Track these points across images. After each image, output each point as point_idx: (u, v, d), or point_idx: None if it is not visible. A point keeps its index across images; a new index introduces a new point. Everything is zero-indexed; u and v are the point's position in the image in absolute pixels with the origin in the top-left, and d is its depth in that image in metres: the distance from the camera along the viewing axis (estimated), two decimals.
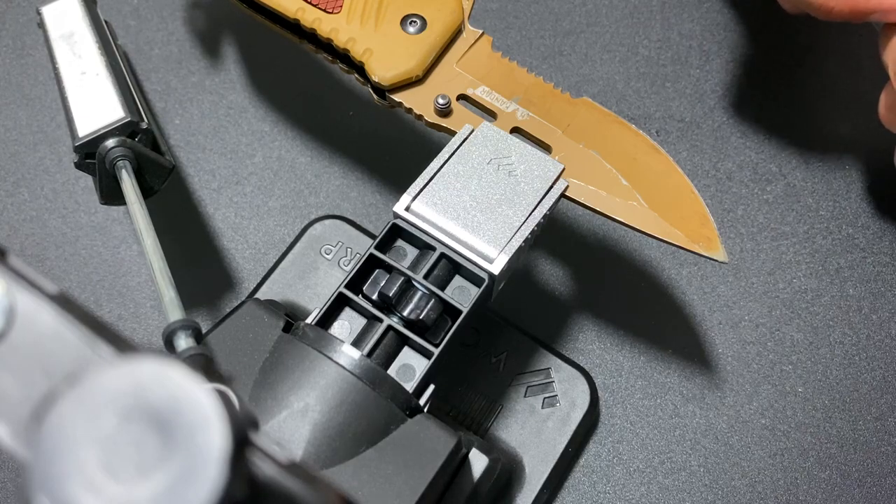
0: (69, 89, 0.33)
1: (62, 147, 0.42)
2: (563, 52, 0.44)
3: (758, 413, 0.37)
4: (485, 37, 0.34)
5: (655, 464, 0.36)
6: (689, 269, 0.40)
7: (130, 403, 0.13)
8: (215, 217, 0.41)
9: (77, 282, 0.39)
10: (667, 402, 0.37)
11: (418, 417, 0.27)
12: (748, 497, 0.36)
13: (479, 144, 0.31)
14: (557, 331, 0.38)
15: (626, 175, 0.32)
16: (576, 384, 0.35)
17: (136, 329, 0.39)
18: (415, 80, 0.33)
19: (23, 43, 0.45)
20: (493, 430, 0.35)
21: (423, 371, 0.28)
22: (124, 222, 0.41)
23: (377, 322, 0.28)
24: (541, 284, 0.39)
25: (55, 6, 0.35)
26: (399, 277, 0.28)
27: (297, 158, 0.42)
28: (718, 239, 0.31)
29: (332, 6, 0.34)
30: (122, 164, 0.31)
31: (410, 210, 0.30)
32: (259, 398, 0.26)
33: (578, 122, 0.33)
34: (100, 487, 0.13)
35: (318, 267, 0.38)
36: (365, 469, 0.26)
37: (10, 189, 0.41)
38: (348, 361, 0.27)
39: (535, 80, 0.34)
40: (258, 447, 0.15)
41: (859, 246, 0.40)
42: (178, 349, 0.23)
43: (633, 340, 0.38)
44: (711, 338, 0.38)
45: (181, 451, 0.13)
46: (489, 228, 0.29)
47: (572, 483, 0.36)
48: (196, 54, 0.44)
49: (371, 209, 0.41)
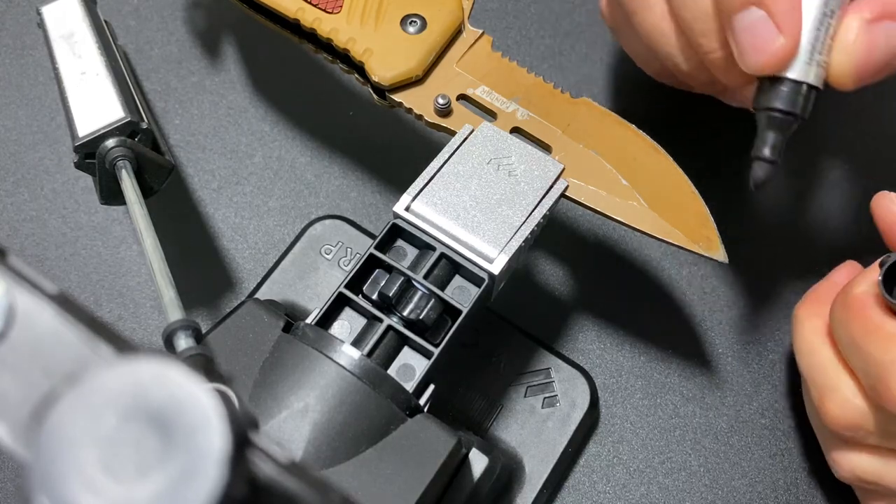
0: (69, 89, 0.33)
1: (62, 147, 0.42)
2: (563, 52, 0.44)
3: (758, 413, 0.37)
4: (485, 37, 0.34)
5: (655, 464, 0.36)
6: (689, 269, 0.40)
7: (130, 403, 0.13)
8: (215, 217, 0.41)
9: (77, 282, 0.39)
10: (667, 402, 0.37)
11: (418, 417, 0.27)
12: (748, 497, 0.36)
13: (479, 144, 0.31)
14: (557, 331, 0.38)
15: (626, 175, 0.32)
16: (576, 384, 0.35)
17: (136, 329, 0.39)
18: (415, 80, 0.33)
19: (23, 43, 0.45)
20: (493, 430, 0.35)
21: (423, 371, 0.28)
22: (124, 222, 0.41)
23: (377, 322, 0.28)
24: (541, 284, 0.39)
25: (55, 6, 0.35)
26: (399, 277, 0.28)
27: (297, 158, 0.42)
28: (718, 239, 0.31)
29: (332, 6, 0.33)
30: (122, 164, 0.31)
31: (410, 210, 0.30)
32: (259, 398, 0.26)
33: (578, 122, 0.33)
34: (100, 487, 0.13)
35: (318, 267, 0.38)
36: (365, 469, 0.26)
37: (10, 189, 0.41)
38: (348, 361, 0.27)
39: (535, 80, 0.34)
40: (258, 447, 0.15)
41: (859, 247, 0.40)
42: (178, 349, 0.23)
43: (633, 340, 0.38)
44: (711, 338, 0.38)
45: (181, 452, 0.13)
46: (489, 228, 0.29)
47: (572, 483, 0.36)
48: (196, 54, 0.44)
49: (371, 209, 0.41)
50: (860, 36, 0.28)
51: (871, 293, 0.28)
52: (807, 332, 0.32)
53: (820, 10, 0.28)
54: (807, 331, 0.32)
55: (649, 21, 0.32)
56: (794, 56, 0.28)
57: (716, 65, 0.30)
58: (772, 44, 0.27)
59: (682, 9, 0.30)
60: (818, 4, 0.28)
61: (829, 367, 0.30)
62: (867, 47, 0.28)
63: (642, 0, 0.32)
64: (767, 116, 0.29)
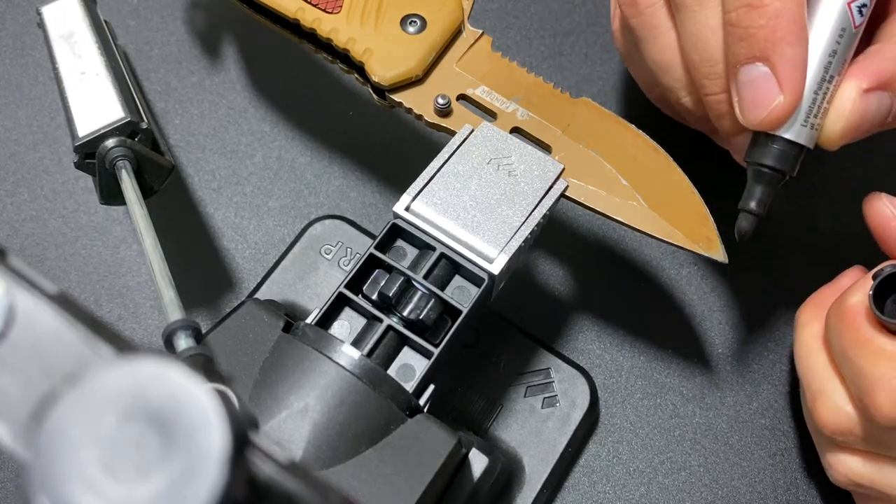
0: (69, 89, 0.33)
1: (62, 147, 0.42)
2: (563, 52, 0.44)
3: (758, 413, 0.37)
4: (485, 37, 0.34)
5: (655, 464, 0.36)
6: (689, 269, 0.40)
7: (130, 403, 0.13)
8: (215, 217, 0.41)
9: (77, 282, 0.39)
10: (667, 402, 0.37)
11: (418, 417, 0.27)
12: (748, 497, 0.36)
13: (478, 144, 0.31)
14: (557, 331, 0.38)
15: (626, 175, 0.32)
16: (576, 384, 0.35)
17: (136, 329, 0.39)
18: (415, 80, 0.33)
19: (23, 43, 0.45)
20: (493, 430, 0.35)
21: (423, 371, 0.28)
22: (124, 222, 0.41)
23: (377, 322, 0.28)
24: (541, 284, 0.39)
25: (55, 6, 0.35)
26: (399, 277, 0.28)
27: (297, 158, 0.42)
28: (718, 239, 0.31)
29: (332, 6, 0.33)
30: (122, 164, 0.31)
31: (410, 210, 0.30)
32: (259, 398, 0.26)
33: (578, 122, 0.33)
34: (100, 487, 0.13)
35: (318, 267, 0.38)
36: (365, 469, 0.26)
37: (10, 189, 0.41)
38: (348, 361, 0.27)
39: (535, 80, 0.34)
40: (258, 447, 0.15)
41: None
42: (178, 349, 0.23)
43: (633, 340, 0.38)
44: (711, 338, 0.38)
45: (181, 452, 0.13)
46: (489, 228, 0.29)
47: (572, 483, 0.36)
48: (196, 54, 0.44)
49: (371, 209, 0.41)
50: (856, 104, 0.28)
51: (864, 304, 0.28)
52: (805, 335, 0.32)
53: (820, 74, 0.28)
54: (806, 334, 0.32)
55: (657, 50, 0.32)
56: (791, 116, 0.28)
57: (714, 108, 0.30)
58: (772, 101, 0.28)
59: (691, 50, 0.30)
60: (819, 69, 0.28)
61: (823, 372, 0.31)
62: (860, 115, 0.28)
63: (653, 29, 0.32)
64: (758, 171, 0.30)
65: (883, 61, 0.28)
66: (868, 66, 0.29)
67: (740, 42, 0.28)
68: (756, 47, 0.27)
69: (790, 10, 0.27)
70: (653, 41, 0.32)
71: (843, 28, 0.28)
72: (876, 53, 0.29)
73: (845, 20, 0.28)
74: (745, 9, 0.27)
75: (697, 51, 0.30)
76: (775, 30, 0.27)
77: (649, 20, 0.32)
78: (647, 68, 0.33)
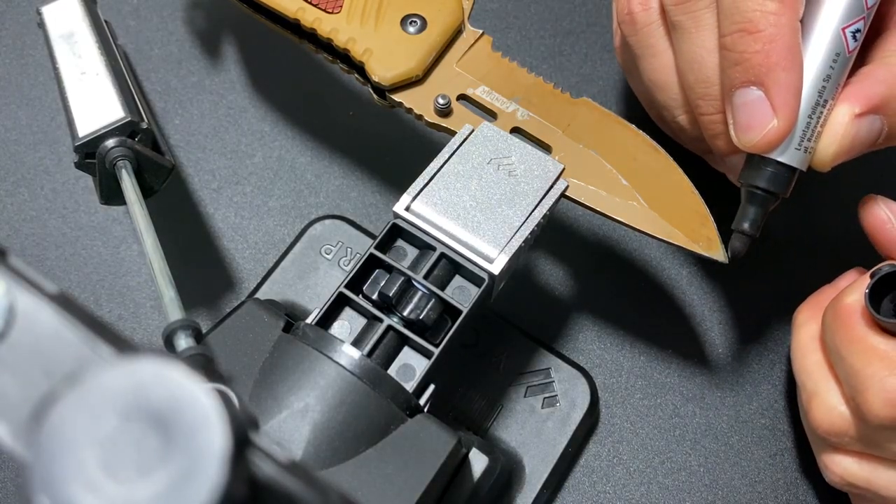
0: (69, 89, 0.33)
1: (62, 147, 0.42)
2: (563, 52, 0.44)
3: (758, 413, 0.37)
4: (485, 37, 0.34)
5: (655, 464, 0.36)
6: (689, 269, 0.40)
7: (130, 403, 0.13)
8: (215, 217, 0.41)
9: (77, 282, 0.39)
10: (667, 402, 0.37)
11: (418, 417, 0.27)
12: (748, 497, 0.36)
13: (479, 144, 0.31)
14: (557, 331, 0.38)
15: (626, 175, 0.32)
16: (576, 384, 0.35)
17: (136, 329, 0.39)
18: (415, 80, 0.33)
19: (23, 43, 0.45)
20: (493, 430, 0.35)
21: (423, 371, 0.28)
22: (124, 222, 0.41)
23: (377, 322, 0.28)
24: (541, 284, 0.39)
25: (55, 6, 0.35)
26: (399, 277, 0.28)
27: (297, 158, 0.42)
28: (718, 239, 0.31)
29: (332, 6, 0.33)
30: (122, 164, 0.31)
31: (410, 210, 0.30)
32: (259, 398, 0.26)
33: (578, 122, 0.33)
34: (100, 487, 0.13)
35: (318, 267, 0.38)
36: (365, 469, 0.26)
37: (10, 189, 0.41)
38: (348, 361, 0.27)
39: (535, 80, 0.34)
40: (258, 447, 0.15)
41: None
42: (178, 349, 0.23)
43: (633, 340, 0.38)
44: (711, 338, 0.38)
45: (181, 451, 0.13)
46: (489, 228, 0.29)
47: (572, 483, 0.36)
48: (196, 54, 0.44)
49: (371, 209, 0.41)
50: (847, 129, 0.28)
51: (860, 303, 0.29)
52: (802, 335, 0.32)
53: (815, 98, 0.28)
54: (802, 334, 0.32)
55: (653, 69, 0.32)
56: (785, 139, 0.28)
57: (709, 128, 0.31)
58: (766, 125, 0.28)
59: (687, 70, 0.30)
60: (814, 93, 0.28)
61: (818, 372, 0.31)
62: (852, 139, 0.29)
63: (650, 48, 0.32)
64: (751, 193, 0.30)
65: (874, 85, 0.29)
66: (860, 89, 0.29)
67: (735, 66, 0.28)
68: (751, 72, 0.28)
69: (785, 36, 0.27)
70: (649, 60, 0.32)
71: (838, 53, 0.28)
72: (868, 76, 0.29)
73: (839, 45, 0.28)
74: (740, 34, 0.27)
75: (693, 72, 0.30)
76: (770, 55, 0.27)
77: (646, 39, 0.32)
78: (645, 86, 0.33)
